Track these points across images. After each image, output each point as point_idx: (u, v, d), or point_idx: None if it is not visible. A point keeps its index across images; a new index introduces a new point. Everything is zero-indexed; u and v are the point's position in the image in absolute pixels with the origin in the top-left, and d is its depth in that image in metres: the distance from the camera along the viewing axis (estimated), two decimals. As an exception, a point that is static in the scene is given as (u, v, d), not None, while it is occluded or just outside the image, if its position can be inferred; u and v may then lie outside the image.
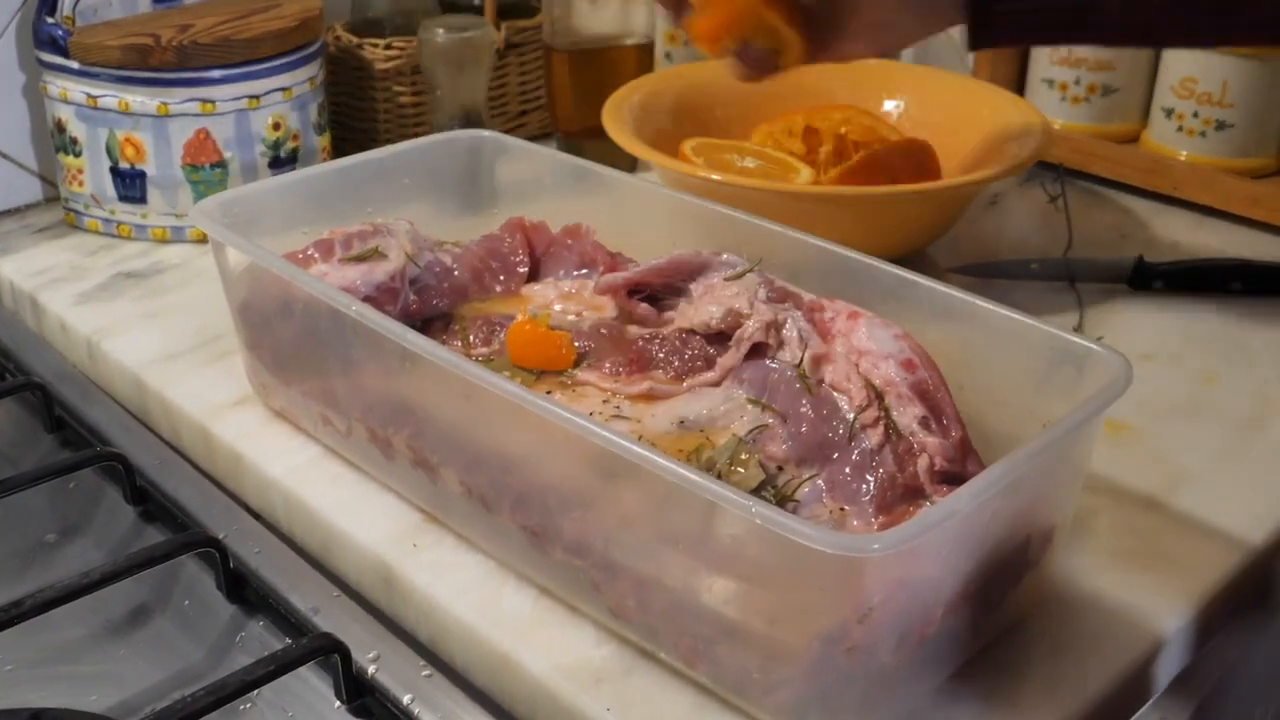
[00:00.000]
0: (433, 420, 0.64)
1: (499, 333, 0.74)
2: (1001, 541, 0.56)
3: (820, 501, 0.62)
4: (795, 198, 0.88)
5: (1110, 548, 0.67)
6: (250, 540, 0.70)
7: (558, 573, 0.61)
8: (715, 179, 0.89)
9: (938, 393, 0.64)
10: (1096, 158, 1.09)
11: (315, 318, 0.69)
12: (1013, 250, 0.99)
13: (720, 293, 0.71)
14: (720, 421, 0.66)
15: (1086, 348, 0.61)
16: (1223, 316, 0.90)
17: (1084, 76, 1.09)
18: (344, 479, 0.71)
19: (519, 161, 0.87)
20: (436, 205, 0.85)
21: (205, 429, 0.76)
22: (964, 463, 0.63)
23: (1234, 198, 1.03)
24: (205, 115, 0.95)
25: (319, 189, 0.80)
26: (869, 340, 0.66)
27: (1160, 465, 0.73)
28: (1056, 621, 0.62)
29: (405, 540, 0.66)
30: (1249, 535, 0.68)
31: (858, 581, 0.49)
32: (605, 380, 0.69)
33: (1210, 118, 1.03)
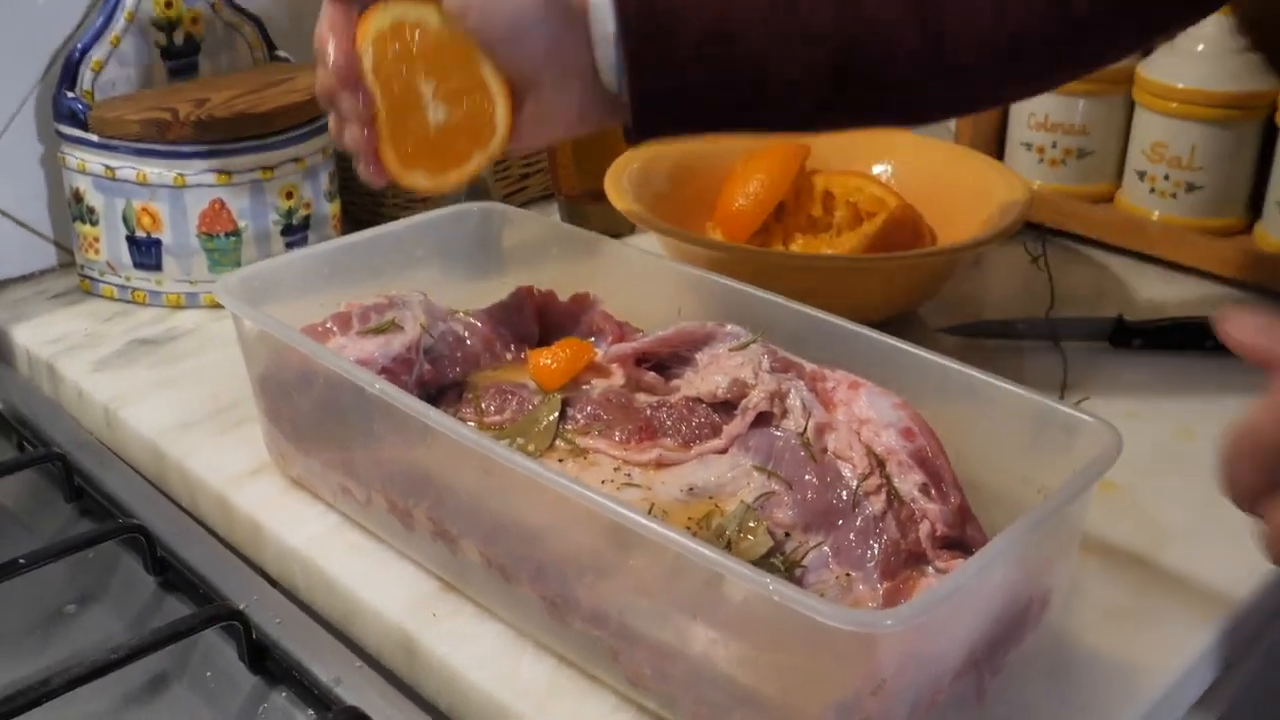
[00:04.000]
0: (453, 493, 0.64)
1: (511, 400, 0.74)
2: (1005, 607, 0.57)
3: (827, 567, 0.62)
4: (798, 266, 0.89)
5: (1103, 606, 0.67)
6: (271, 610, 0.69)
7: (576, 642, 0.61)
8: (715, 245, 0.90)
9: (937, 460, 0.65)
10: (1074, 217, 1.10)
11: (337, 391, 0.69)
12: (997, 308, 1.00)
13: (725, 362, 0.71)
14: (728, 488, 0.66)
15: (1077, 418, 0.62)
16: (1199, 373, 0.91)
17: (1060, 140, 1.11)
18: (363, 548, 0.71)
19: (525, 230, 0.87)
20: (447, 273, 0.85)
21: (224, 498, 0.76)
22: (963, 528, 0.63)
23: (1204, 256, 1.05)
24: (221, 186, 0.95)
25: (335, 261, 0.80)
26: (870, 409, 0.67)
27: (1147, 522, 0.74)
28: (1056, 681, 0.62)
29: (425, 609, 0.66)
30: (1235, 590, 0.68)
31: (872, 655, 0.49)
32: (615, 449, 0.69)
33: (1180, 180, 1.05)
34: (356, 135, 0.71)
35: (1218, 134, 1.02)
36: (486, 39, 0.68)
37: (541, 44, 0.67)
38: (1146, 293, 1.03)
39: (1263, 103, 1.01)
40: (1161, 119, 1.04)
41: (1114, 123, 1.10)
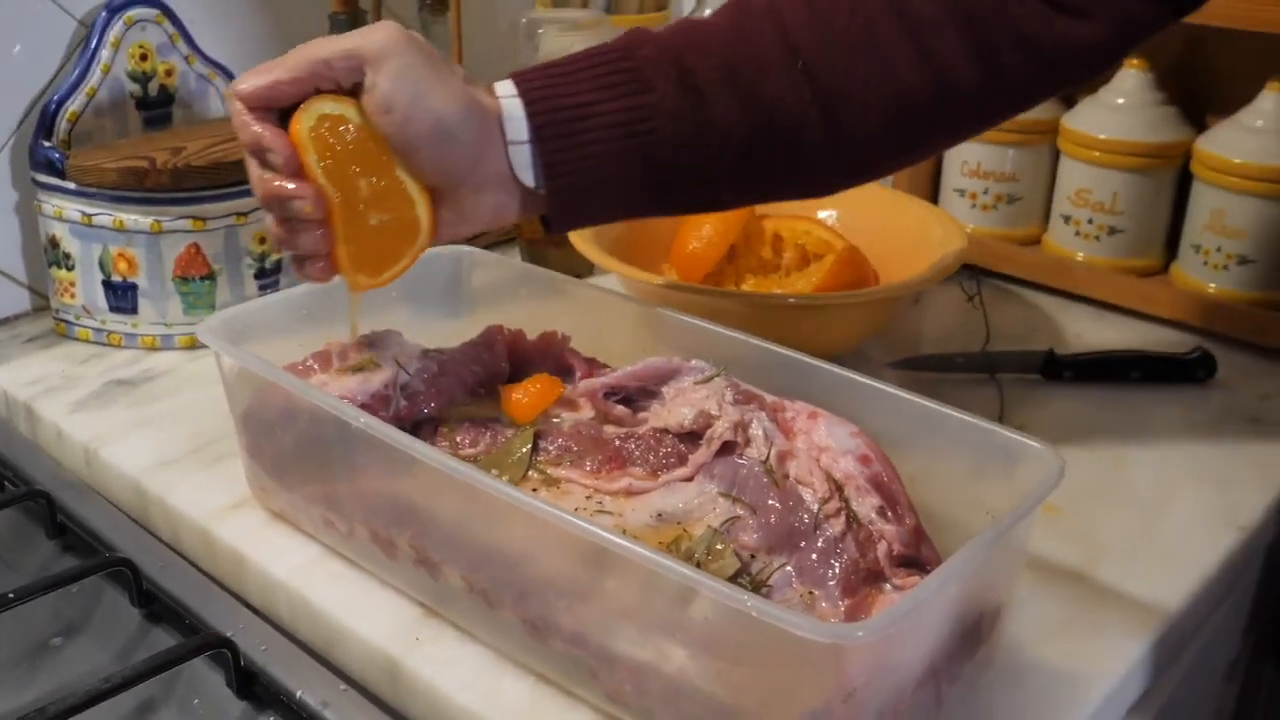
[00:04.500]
0: (436, 522, 0.66)
1: (485, 433, 0.75)
2: (961, 621, 0.59)
3: (791, 586, 0.64)
4: (755, 304, 0.91)
5: (1045, 619, 0.70)
6: (256, 638, 0.70)
7: (557, 661, 0.62)
8: (670, 285, 0.92)
9: (892, 484, 0.67)
10: (1005, 259, 1.14)
11: (321, 427, 0.70)
12: (936, 344, 1.03)
13: (691, 395, 0.74)
14: (695, 514, 0.68)
15: (1023, 443, 0.65)
16: (1126, 403, 0.95)
17: (991, 187, 1.15)
18: (345, 577, 0.72)
19: (494, 273, 0.89)
20: (419, 314, 0.86)
21: (206, 532, 0.77)
22: (918, 547, 0.66)
23: (1127, 294, 1.09)
24: (196, 231, 0.95)
25: (312, 303, 0.82)
26: (828, 437, 0.69)
27: (1083, 542, 0.77)
28: (1006, 690, 0.64)
29: (408, 635, 0.67)
30: (1167, 603, 0.72)
31: (844, 665, 0.52)
32: (586, 478, 0.71)
33: (1103, 224, 1.09)
34: (313, 237, 0.68)
35: (1138, 181, 1.06)
36: (408, 140, 0.66)
37: (465, 149, 0.67)
38: (1074, 328, 1.07)
39: (1178, 151, 1.05)
40: (1085, 167, 1.08)
41: (1041, 170, 1.14)
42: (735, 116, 0.68)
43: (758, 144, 0.69)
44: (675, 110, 0.67)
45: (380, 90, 0.65)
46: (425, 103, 0.65)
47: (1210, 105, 1.07)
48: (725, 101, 0.68)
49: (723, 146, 0.69)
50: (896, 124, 0.69)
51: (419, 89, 0.65)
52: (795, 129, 0.69)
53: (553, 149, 0.68)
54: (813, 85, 0.68)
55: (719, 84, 0.68)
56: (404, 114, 0.65)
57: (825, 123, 0.69)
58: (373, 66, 0.65)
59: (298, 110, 0.66)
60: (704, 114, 0.68)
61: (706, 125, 0.68)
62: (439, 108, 0.65)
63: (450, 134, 0.66)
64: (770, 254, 1.05)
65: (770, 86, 0.68)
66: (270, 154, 0.66)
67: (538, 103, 0.67)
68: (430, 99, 0.65)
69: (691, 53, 0.69)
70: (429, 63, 0.66)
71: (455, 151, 0.67)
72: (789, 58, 0.68)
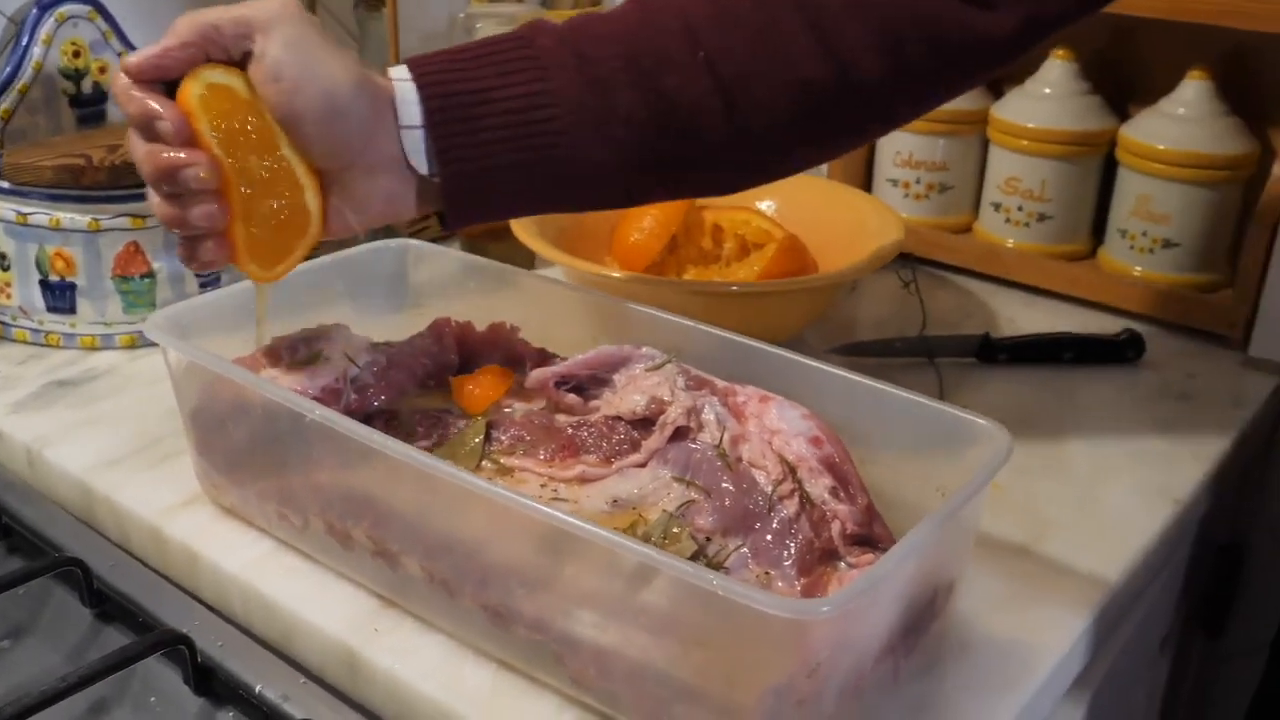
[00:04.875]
0: (394, 512, 0.65)
1: (437, 425, 0.75)
2: (917, 596, 0.60)
3: (747, 567, 0.64)
4: (700, 293, 0.91)
5: (994, 593, 0.70)
6: (212, 634, 0.69)
7: (519, 648, 0.62)
8: (616, 276, 0.92)
9: (844, 465, 0.68)
10: (937, 246, 1.16)
11: (273, 421, 0.68)
12: (874, 330, 1.04)
13: (642, 382, 0.73)
14: (650, 499, 0.68)
15: (971, 421, 0.65)
16: (1059, 383, 0.96)
17: (923, 176, 1.16)
18: (300, 570, 0.70)
19: (440, 265, 0.88)
20: (366, 307, 0.85)
21: (156, 530, 0.75)
22: (871, 526, 0.66)
23: (1056, 279, 1.10)
24: (135, 229, 0.93)
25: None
26: (780, 420, 0.69)
27: (1026, 517, 0.78)
28: (960, 662, 0.65)
29: (366, 626, 0.66)
30: (1107, 574, 0.73)
31: (808, 640, 0.52)
32: (540, 466, 0.70)
33: (1032, 211, 1.10)
34: (207, 210, 0.64)
35: (1065, 168, 1.08)
36: (296, 111, 0.63)
37: (355, 125, 0.64)
38: (1006, 313, 1.09)
39: (1103, 139, 1.07)
40: (1014, 155, 1.10)
41: (971, 159, 1.15)
42: (636, 105, 0.66)
43: (660, 134, 0.67)
44: (575, 97, 0.66)
45: (269, 58, 0.62)
46: (315, 71, 0.63)
47: (1133, 94, 1.09)
48: (626, 90, 0.66)
49: (624, 137, 0.67)
50: (800, 116, 0.68)
51: (310, 58, 0.63)
52: (697, 119, 0.67)
53: (446, 134, 0.65)
54: (714, 76, 0.66)
55: (620, 72, 0.66)
56: (293, 83, 0.62)
57: (727, 114, 0.67)
58: (263, 33, 0.63)
59: (185, 79, 0.63)
60: (605, 101, 0.66)
61: (607, 113, 0.66)
62: (329, 78, 0.63)
63: (340, 108, 0.63)
64: (710, 244, 1.05)
65: (671, 77, 0.66)
66: (159, 123, 0.62)
67: (432, 86, 0.65)
68: (320, 69, 0.63)
69: (591, 42, 0.67)
70: (320, 36, 0.64)
71: (344, 127, 0.64)
72: (691, 48, 0.66)
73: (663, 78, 0.66)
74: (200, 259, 0.66)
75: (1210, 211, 1.02)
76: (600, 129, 0.66)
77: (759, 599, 0.50)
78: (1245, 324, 1.00)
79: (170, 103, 0.63)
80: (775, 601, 0.50)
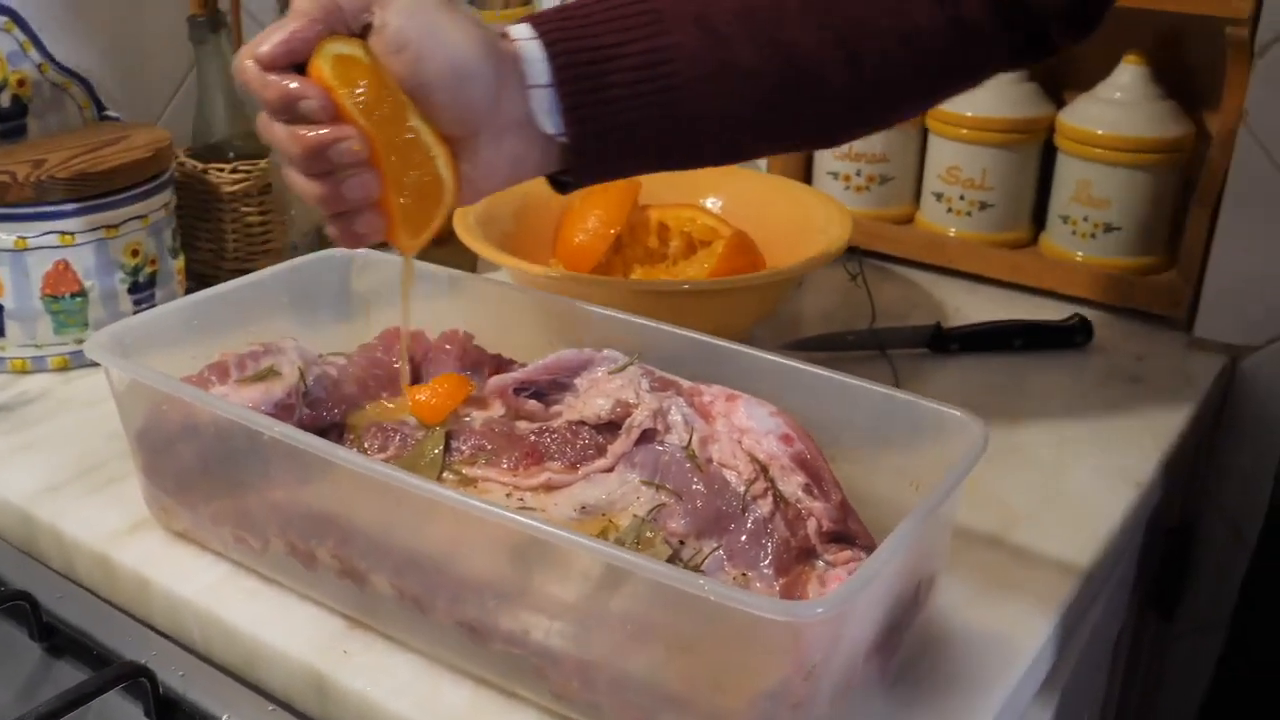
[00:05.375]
0: (359, 529, 0.63)
1: (394, 437, 0.73)
2: (903, 591, 0.59)
3: (723, 570, 0.63)
4: (648, 292, 0.90)
5: (969, 584, 0.70)
6: (171, 664, 0.66)
7: (497, 663, 0.60)
8: (565, 277, 0.90)
9: (816, 461, 0.67)
10: (880, 238, 1.16)
11: (227, 440, 0.66)
12: (822, 324, 1.04)
13: (606, 385, 0.72)
14: (619, 504, 0.67)
15: (943, 412, 0.65)
16: (1011, 370, 0.97)
17: (864, 168, 1.16)
18: (260, 593, 0.68)
19: (386, 273, 0.86)
20: (312, 319, 0.83)
21: (104, 557, 0.72)
22: (846, 522, 0.65)
23: (1000, 267, 1.11)
24: (64, 247, 0.90)
25: (202, 313, 0.77)
26: (749, 419, 0.68)
27: (994, 507, 0.78)
28: (942, 655, 0.65)
29: (334, 648, 0.64)
30: (1078, 560, 0.73)
31: (803, 642, 0.51)
32: (504, 475, 0.69)
33: (974, 200, 1.11)
34: (363, 180, 0.62)
35: (1004, 156, 1.09)
36: (423, 81, 0.61)
37: (483, 90, 0.62)
38: (953, 303, 1.09)
39: (1041, 126, 1.08)
40: (954, 144, 1.10)
41: (911, 150, 1.16)
42: (755, 58, 0.66)
43: (780, 87, 0.68)
44: (695, 53, 0.66)
45: (391, 28, 0.61)
46: (439, 38, 0.61)
47: (1069, 80, 1.10)
48: (744, 43, 0.66)
49: (744, 90, 0.67)
50: (914, 66, 0.69)
51: (431, 24, 0.61)
52: (817, 70, 0.68)
53: (574, 91, 0.65)
54: (831, 27, 0.67)
55: (736, 25, 0.66)
56: (417, 51, 0.61)
57: (846, 64, 0.68)
58: (380, 4, 0.61)
59: (311, 58, 0.61)
60: (725, 56, 0.66)
61: (726, 67, 0.66)
62: (454, 43, 0.61)
63: (467, 73, 0.62)
64: (656, 243, 1.04)
65: (789, 29, 0.67)
66: (304, 103, 0.60)
67: (558, 44, 0.64)
68: (443, 35, 0.61)
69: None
70: (439, 1, 0.62)
71: (473, 92, 0.62)
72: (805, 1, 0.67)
73: (781, 30, 0.67)
74: (357, 233, 0.64)
75: (1149, 195, 1.04)
76: (722, 83, 0.66)
77: (754, 602, 0.49)
78: (1189, 305, 1.01)
79: (309, 81, 0.61)
80: (770, 604, 0.49)
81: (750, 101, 0.68)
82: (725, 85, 0.67)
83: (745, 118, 0.69)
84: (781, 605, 0.50)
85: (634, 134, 0.67)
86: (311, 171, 0.62)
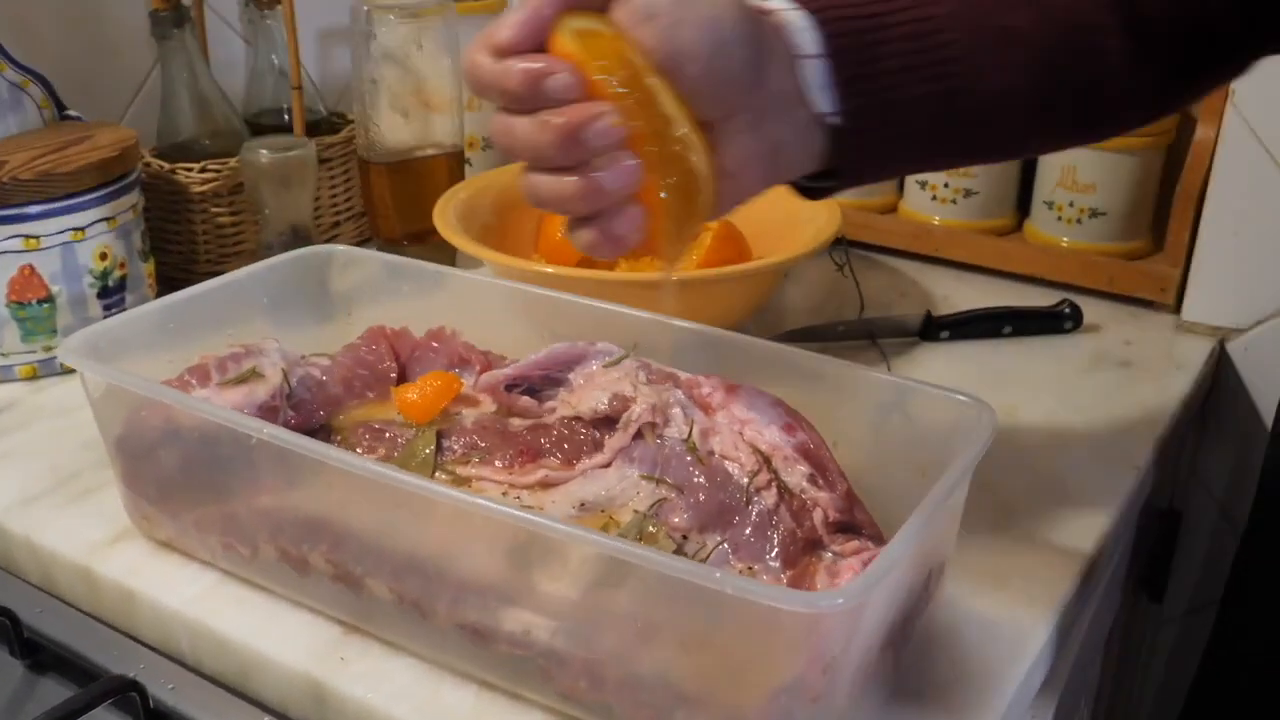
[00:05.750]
0: (353, 533, 0.61)
1: (383, 437, 0.71)
2: (914, 582, 0.58)
3: (728, 563, 0.62)
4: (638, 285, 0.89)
5: (972, 573, 0.69)
6: (160, 676, 0.64)
7: (501, 665, 0.59)
8: (550, 272, 0.89)
9: (819, 451, 0.66)
10: (865, 228, 1.15)
11: (212, 445, 0.64)
12: (811, 315, 1.03)
13: (601, 379, 0.71)
14: (619, 500, 0.66)
15: (949, 397, 0.64)
16: (1003, 356, 0.96)
17: (846, 157, 1.15)
18: (250, 601, 0.66)
19: (365, 270, 0.84)
20: (293, 319, 0.81)
21: (86, 570, 0.70)
22: (852, 512, 0.65)
23: (986, 254, 1.11)
24: (29, 251, 0.87)
25: (178, 316, 0.75)
26: (749, 410, 0.67)
27: (993, 494, 0.77)
28: (950, 644, 0.64)
29: (330, 655, 0.62)
30: (1081, 545, 0.72)
31: (824, 634, 0.50)
32: (499, 474, 0.68)
33: (959, 187, 1.11)
34: (627, 168, 0.52)
35: (987, 142, 1.08)
36: (677, 50, 0.53)
37: (741, 60, 0.54)
38: (940, 291, 1.09)
39: (1025, 111, 1.08)
40: (936, 132, 1.10)
41: (892, 138, 1.15)
42: (1032, 25, 0.61)
43: (1060, 54, 0.62)
44: (971, 20, 0.60)
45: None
46: (693, 2, 0.53)
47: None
48: (1020, 9, 0.61)
49: (1024, 60, 0.61)
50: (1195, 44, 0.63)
51: None
52: (1096, 38, 0.62)
53: (848, 62, 0.58)
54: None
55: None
56: (670, 17, 0.53)
57: (1127, 33, 0.62)
58: None
59: (550, 39, 0.53)
60: (1000, 23, 0.60)
61: (1004, 35, 0.61)
62: (710, 7, 0.54)
63: (726, 39, 0.54)
64: (640, 236, 1.03)
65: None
66: (551, 79, 0.52)
67: (826, 11, 0.58)
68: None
69: None
70: None
71: (731, 62, 0.54)
72: None
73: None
74: (617, 235, 0.54)
75: (1134, 179, 1.04)
76: (999, 52, 0.61)
77: (774, 595, 0.48)
78: (1177, 289, 1.02)
79: (553, 57, 0.53)
80: (791, 596, 0.48)
81: (1030, 73, 0.61)
82: (1003, 55, 0.61)
83: (1026, 93, 0.62)
84: (803, 596, 0.49)
85: (913, 113, 0.60)
86: (564, 163, 0.53)
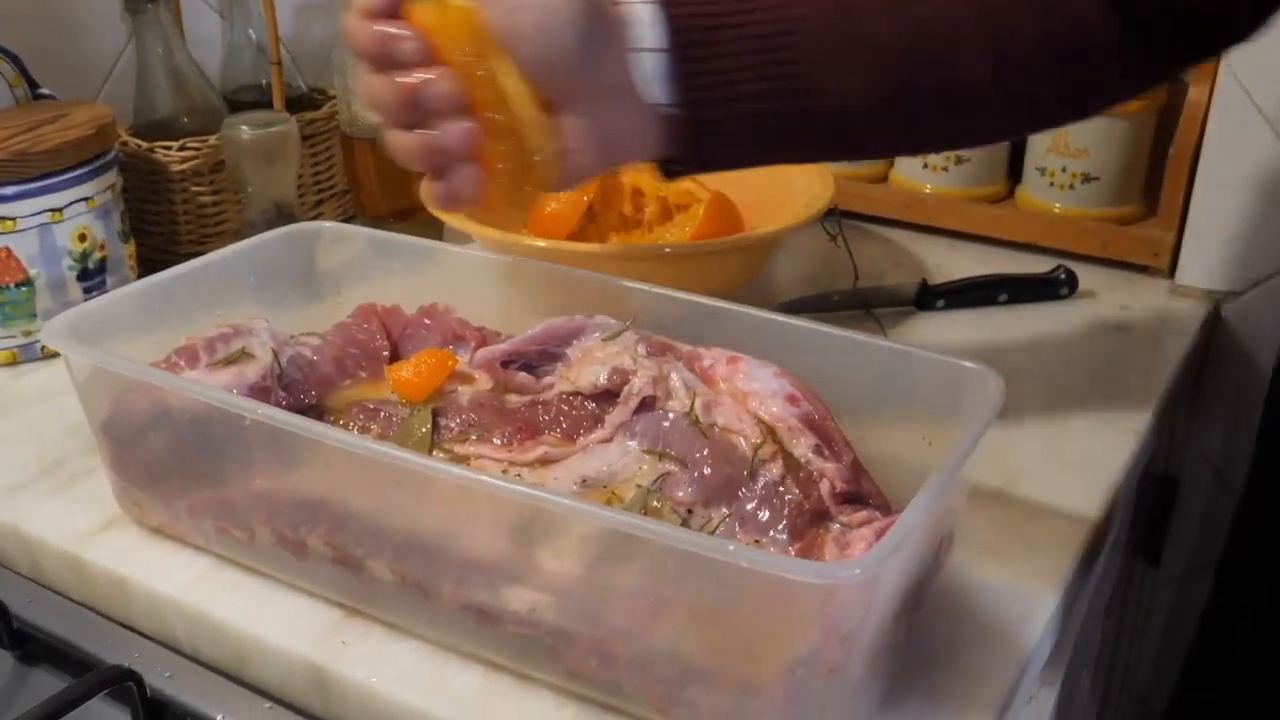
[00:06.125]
0: (353, 514, 0.60)
1: (378, 416, 0.70)
2: (926, 551, 0.58)
3: (735, 537, 0.62)
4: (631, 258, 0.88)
5: (979, 541, 0.69)
6: (156, 665, 0.63)
7: (508, 645, 0.58)
8: (542, 245, 0.88)
9: (824, 421, 0.65)
10: (856, 197, 1.15)
11: (204, 427, 0.63)
12: (805, 286, 1.02)
13: (599, 353, 0.70)
14: (621, 475, 0.65)
15: (955, 364, 0.64)
16: (999, 324, 0.96)
17: (835, 126, 1.14)
18: (246, 586, 0.65)
19: (353, 247, 0.83)
20: (281, 298, 0.80)
21: (75, 558, 0.69)
22: (859, 482, 0.64)
23: (978, 221, 1.10)
24: (5, 234, 0.86)
25: (164, 296, 0.74)
26: (752, 381, 0.67)
27: (996, 461, 0.77)
28: (959, 613, 0.64)
29: (331, 639, 0.61)
30: (1087, 511, 0.72)
31: (841, 605, 0.49)
32: (498, 452, 0.67)
33: (950, 154, 1.10)
34: (460, 125, 0.58)
35: (979, 108, 1.08)
36: (515, 31, 0.58)
37: (574, 43, 0.59)
38: (933, 260, 1.08)
39: (1016, 76, 1.07)
40: (927, 98, 1.09)
41: (882, 106, 1.14)
42: (888, 33, 0.62)
43: (913, 65, 0.63)
44: (824, 23, 0.62)
45: None
46: None
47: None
48: (878, 16, 0.62)
49: (873, 66, 0.63)
50: (1060, 61, 0.64)
51: None
52: (953, 49, 0.63)
53: (685, 57, 0.61)
54: (975, 3, 0.63)
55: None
56: None
57: (984, 46, 0.63)
58: None
59: (412, 6, 0.59)
60: (855, 29, 0.62)
61: (857, 41, 0.62)
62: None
63: (557, 26, 0.58)
64: (631, 209, 1.02)
65: (925, 3, 0.63)
66: (399, 45, 0.58)
67: (675, 7, 0.61)
68: None
69: None
70: None
71: (563, 49, 0.59)
72: None
73: (916, 4, 0.63)
74: (454, 191, 0.61)
75: (1127, 143, 1.03)
76: (850, 57, 0.62)
77: (791, 566, 0.48)
78: (1171, 253, 1.01)
79: (406, 24, 0.59)
80: (809, 567, 0.48)
81: (879, 80, 0.63)
82: (853, 59, 0.63)
83: (872, 99, 0.64)
84: (819, 568, 0.48)
85: (748, 109, 0.63)
86: (408, 122, 0.59)
